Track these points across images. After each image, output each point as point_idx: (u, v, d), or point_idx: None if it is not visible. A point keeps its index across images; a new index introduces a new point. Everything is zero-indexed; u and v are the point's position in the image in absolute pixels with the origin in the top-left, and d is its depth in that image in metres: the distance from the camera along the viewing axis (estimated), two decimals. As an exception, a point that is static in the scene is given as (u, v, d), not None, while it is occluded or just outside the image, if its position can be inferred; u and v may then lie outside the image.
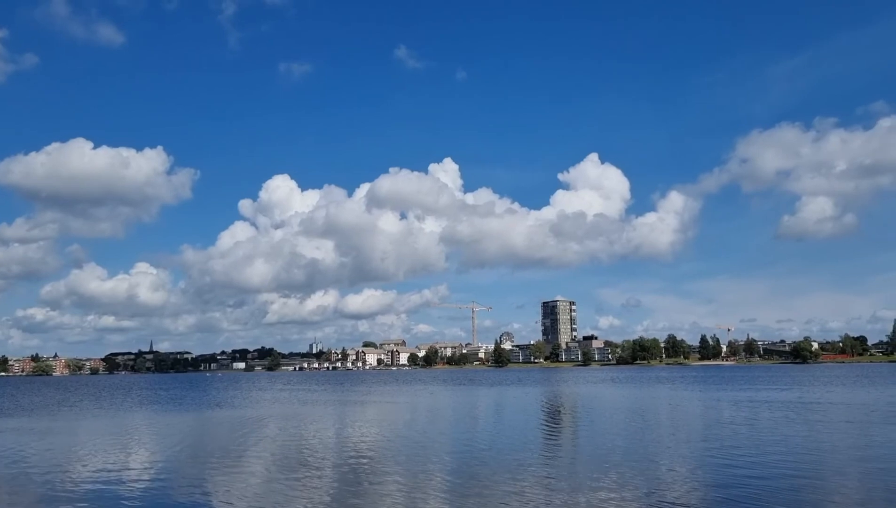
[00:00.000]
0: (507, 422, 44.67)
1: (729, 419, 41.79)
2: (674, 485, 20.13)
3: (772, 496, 18.34)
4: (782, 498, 18.06)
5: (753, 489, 19.26)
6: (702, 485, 20.12)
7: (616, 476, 21.48)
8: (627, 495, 18.76)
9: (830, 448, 28.04)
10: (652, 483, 20.48)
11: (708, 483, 20.51)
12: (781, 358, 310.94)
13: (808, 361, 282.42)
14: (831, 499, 18.33)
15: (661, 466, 23.64)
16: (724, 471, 22.44)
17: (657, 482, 20.65)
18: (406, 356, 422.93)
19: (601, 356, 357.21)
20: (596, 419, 44.97)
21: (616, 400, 63.52)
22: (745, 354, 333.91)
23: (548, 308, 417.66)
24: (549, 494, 19.07)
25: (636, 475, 21.79)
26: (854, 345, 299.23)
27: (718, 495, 18.63)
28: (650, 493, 18.95)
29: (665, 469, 23.11)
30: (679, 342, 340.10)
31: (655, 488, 19.67)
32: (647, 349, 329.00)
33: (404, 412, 55.05)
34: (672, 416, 45.94)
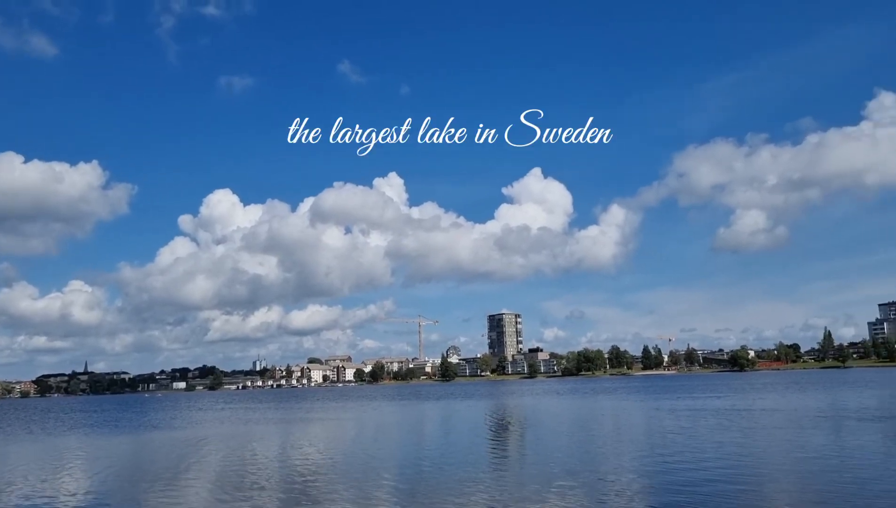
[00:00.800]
0: (454, 437, 44.64)
1: (668, 428, 42.71)
2: (617, 496, 20.46)
3: (709, 501, 18.85)
4: (719, 504, 18.58)
5: (692, 496, 19.76)
6: (643, 495, 20.50)
7: (561, 489, 21.70)
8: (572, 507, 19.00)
9: (761, 453, 28.94)
10: (596, 494, 20.77)
11: (649, 492, 20.91)
12: (720, 366, 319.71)
13: (745, 369, 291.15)
14: (765, 504, 18.93)
15: (605, 477, 23.99)
16: (664, 480, 22.92)
17: (601, 493, 20.95)
18: (352, 371, 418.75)
19: (547, 367, 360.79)
20: (542, 431, 45.35)
21: (561, 412, 64.22)
22: (686, 363, 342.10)
23: (494, 321, 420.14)
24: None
25: (581, 487, 22.06)
26: (788, 353, 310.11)
27: (659, 503, 19.03)
28: (594, 505, 19.23)
29: (609, 480, 23.46)
30: (622, 353, 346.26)
31: (599, 499, 19.96)
32: (591, 361, 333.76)
33: (350, 429, 54.45)
34: (615, 427, 46.70)
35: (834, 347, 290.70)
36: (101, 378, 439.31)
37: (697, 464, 25.97)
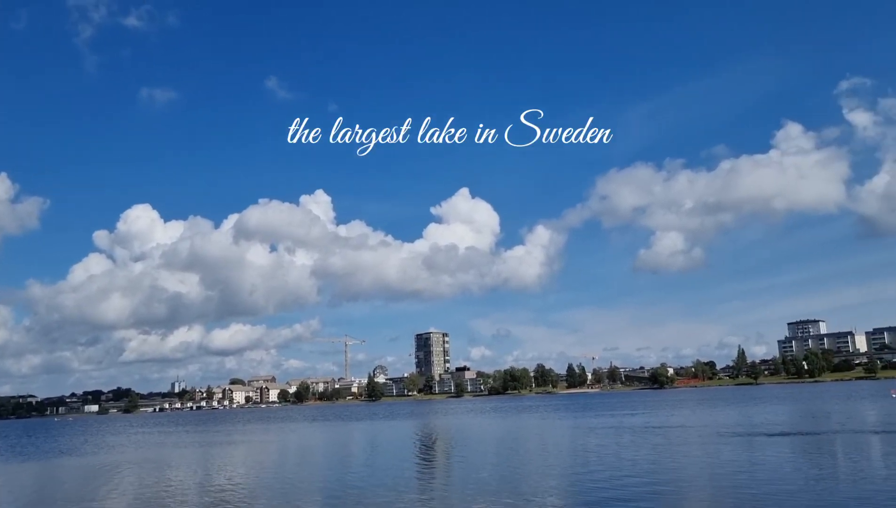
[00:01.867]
0: (378, 459, 44.32)
1: (586, 446, 43.68)
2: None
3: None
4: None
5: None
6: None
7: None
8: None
9: (673, 469, 30.01)
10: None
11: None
12: (641, 384, 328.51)
13: (664, 386, 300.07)
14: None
15: (528, 498, 24.34)
16: (583, 499, 23.45)
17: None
18: (276, 392, 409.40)
19: (474, 386, 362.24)
20: (467, 451, 45.57)
21: (486, 431, 64.67)
22: (609, 381, 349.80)
23: (421, 340, 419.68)
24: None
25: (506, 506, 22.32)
26: (704, 370, 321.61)
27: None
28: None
29: (531, 500, 23.81)
30: (547, 372, 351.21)
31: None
32: (517, 379, 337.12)
33: (272, 452, 53.30)
34: (537, 445, 47.40)
35: (747, 364, 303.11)
36: (5, 402, 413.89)
37: (613, 482, 26.67)
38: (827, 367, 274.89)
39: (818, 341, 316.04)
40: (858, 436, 42.34)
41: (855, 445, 37.54)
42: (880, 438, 40.78)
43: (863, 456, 32.74)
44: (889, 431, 44.45)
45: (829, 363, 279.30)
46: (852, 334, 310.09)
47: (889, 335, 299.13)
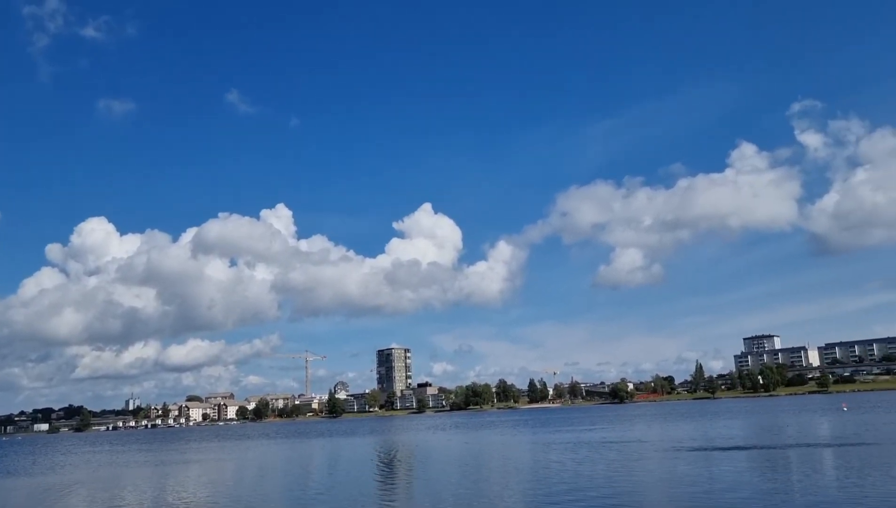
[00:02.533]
0: (340, 476, 43.77)
1: (547, 462, 43.81)
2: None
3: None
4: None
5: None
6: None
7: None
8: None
9: (628, 483, 30.25)
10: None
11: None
12: (602, 399, 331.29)
13: (624, 401, 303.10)
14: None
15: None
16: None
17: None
18: (234, 409, 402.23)
19: (435, 402, 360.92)
20: (428, 468, 45.28)
21: (447, 447, 64.39)
22: (570, 396, 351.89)
23: (383, 356, 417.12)
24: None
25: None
26: (663, 385, 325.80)
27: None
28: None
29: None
30: (509, 387, 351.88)
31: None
32: (479, 395, 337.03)
33: (229, 471, 52.22)
34: (497, 461, 47.35)
35: (704, 379, 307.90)
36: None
37: (570, 498, 26.73)
38: (781, 381, 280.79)
39: (773, 355, 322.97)
40: (811, 450, 43.24)
41: (808, 458, 38.30)
42: (832, 451, 41.69)
43: (815, 470, 33.41)
44: (840, 444, 45.48)
45: (784, 377, 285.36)
46: (805, 349, 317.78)
47: (840, 350, 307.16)
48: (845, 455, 39.02)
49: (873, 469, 31.23)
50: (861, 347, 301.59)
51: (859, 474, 30.18)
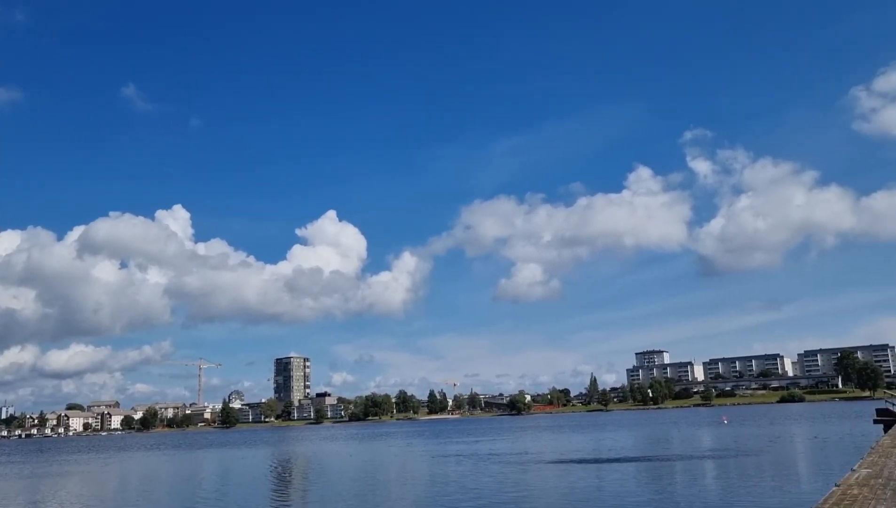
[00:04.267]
0: (227, 490, 41.91)
1: (439, 473, 43.65)
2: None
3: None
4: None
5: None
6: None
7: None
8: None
9: (518, 495, 30.46)
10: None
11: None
12: (500, 410, 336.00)
13: (522, 412, 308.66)
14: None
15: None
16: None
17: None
18: (119, 419, 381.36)
19: (334, 413, 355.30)
20: (318, 480, 44.14)
21: (340, 459, 63.19)
22: (469, 407, 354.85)
23: (281, 365, 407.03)
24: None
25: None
26: (559, 397, 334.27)
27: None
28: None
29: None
30: (409, 398, 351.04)
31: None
32: (379, 405, 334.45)
33: (110, 483, 49.10)
34: (390, 472, 46.74)
35: (598, 392, 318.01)
36: None
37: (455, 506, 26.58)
38: (669, 395, 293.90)
39: (662, 370, 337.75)
40: (694, 461, 45.16)
41: (690, 469, 39.95)
42: (713, 462, 43.67)
43: (696, 480, 34.84)
44: (720, 456, 47.73)
45: (671, 391, 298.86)
46: (692, 364, 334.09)
47: (723, 366, 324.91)
48: (724, 465, 40.92)
49: (748, 478, 32.82)
50: (741, 363, 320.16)
51: (735, 482, 31.64)
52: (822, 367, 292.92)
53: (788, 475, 35.25)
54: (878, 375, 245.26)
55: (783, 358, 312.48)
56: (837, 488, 11.83)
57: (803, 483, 30.95)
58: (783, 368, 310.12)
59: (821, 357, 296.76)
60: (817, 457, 44.33)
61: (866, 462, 15.65)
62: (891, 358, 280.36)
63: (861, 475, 13.37)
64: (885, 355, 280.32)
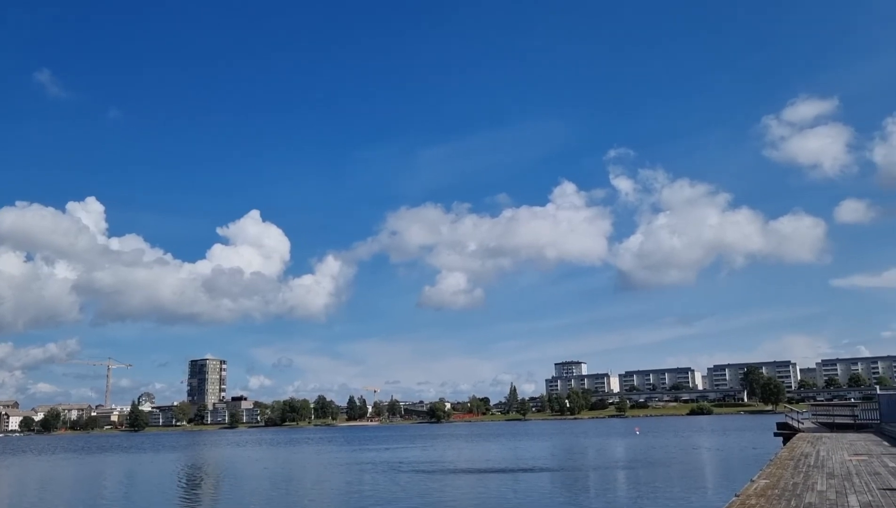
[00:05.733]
0: (134, 496, 39.90)
1: (348, 481, 42.89)
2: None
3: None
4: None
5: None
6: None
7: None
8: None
9: (422, 503, 30.17)
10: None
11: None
12: (420, 418, 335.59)
13: (441, 420, 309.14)
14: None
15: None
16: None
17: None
18: (18, 420, 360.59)
19: (250, 417, 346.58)
20: (230, 486, 42.62)
21: (251, 465, 61.41)
22: (389, 414, 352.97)
23: (196, 367, 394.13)
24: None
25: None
26: (479, 405, 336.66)
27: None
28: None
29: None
30: (328, 403, 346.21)
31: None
32: (297, 411, 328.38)
33: (4, 489, 46.01)
34: (295, 480, 45.63)
35: (517, 401, 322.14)
36: None
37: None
38: (585, 405, 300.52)
39: (580, 381, 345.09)
40: (607, 471, 45.99)
41: (603, 479, 40.63)
42: (625, 473, 44.57)
43: (608, 489, 35.39)
44: (631, 467, 48.79)
45: (588, 401, 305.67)
46: (608, 375, 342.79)
47: (637, 378, 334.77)
48: (635, 475, 41.81)
49: (656, 488, 33.58)
50: (655, 376, 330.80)
51: (645, 492, 32.28)
52: (729, 381, 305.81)
53: (694, 485, 36.24)
54: (780, 390, 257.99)
55: (694, 372, 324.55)
56: (737, 498, 11.99)
57: (708, 493, 31.83)
58: (694, 381, 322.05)
59: (728, 372, 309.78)
60: (722, 468, 45.88)
61: (765, 473, 16.04)
62: (792, 374, 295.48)
63: (759, 485, 13.64)
64: (788, 371, 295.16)
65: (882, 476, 14.71)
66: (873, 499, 11.26)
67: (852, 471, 15.62)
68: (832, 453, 21.03)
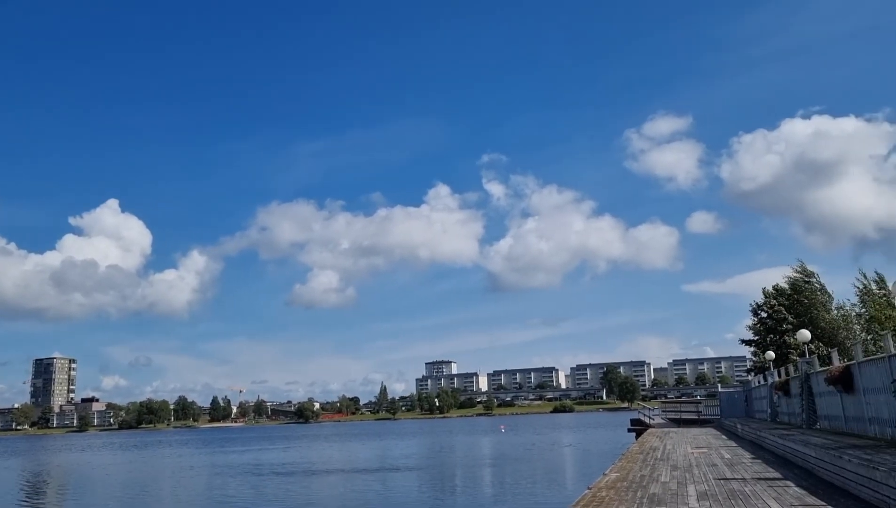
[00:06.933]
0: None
1: (209, 485, 41.18)
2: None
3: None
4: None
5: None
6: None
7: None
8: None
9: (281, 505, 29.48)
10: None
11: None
12: (287, 418, 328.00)
13: (309, 420, 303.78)
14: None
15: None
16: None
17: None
18: None
19: (102, 420, 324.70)
20: (71, 495, 39.61)
21: (97, 471, 57.57)
22: (255, 415, 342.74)
23: (41, 366, 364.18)
24: None
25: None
26: (349, 405, 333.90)
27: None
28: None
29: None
30: (190, 404, 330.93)
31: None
32: (155, 412, 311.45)
33: None
34: (147, 483, 43.29)
35: (388, 400, 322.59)
36: None
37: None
38: (454, 404, 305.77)
39: (450, 380, 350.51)
40: (473, 468, 46.81)
41: (468, 475, 41.31)
42: (490, 470, 45.57)
43: (473, 485, 36.00)
44: (495, 464, 49.99)
45: (457, 400, 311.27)
46: (477, 374, 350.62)
47: (505, 377, 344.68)
48: (499, 471, 42.84)
49: (518, 484, 34.54)
50: (521, 375, 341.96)
51: (508, 488, 33.10)
52: (590, 380, 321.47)
53: (554, 479, 37.59)
54: (635, 388, 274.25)
55: (558, 371, 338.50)
56: (589, 490, 12.40)
57: (567, 487, 33.05)
58: (557, 380, 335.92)
59: (589, 371, 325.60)
60: (579, 463, 47.96)
61: (616, 467, 16.77)
62: (646, 373, 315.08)
63: (611, 478, 14.21)
64: (643, 370, 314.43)
65: (718, 467, 15.76)
66: (709, 489, 11.99)
67: (693, 463, 16.63)
68: (677, 446, 22.38)
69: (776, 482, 12.56)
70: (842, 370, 18.64)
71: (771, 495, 10.92)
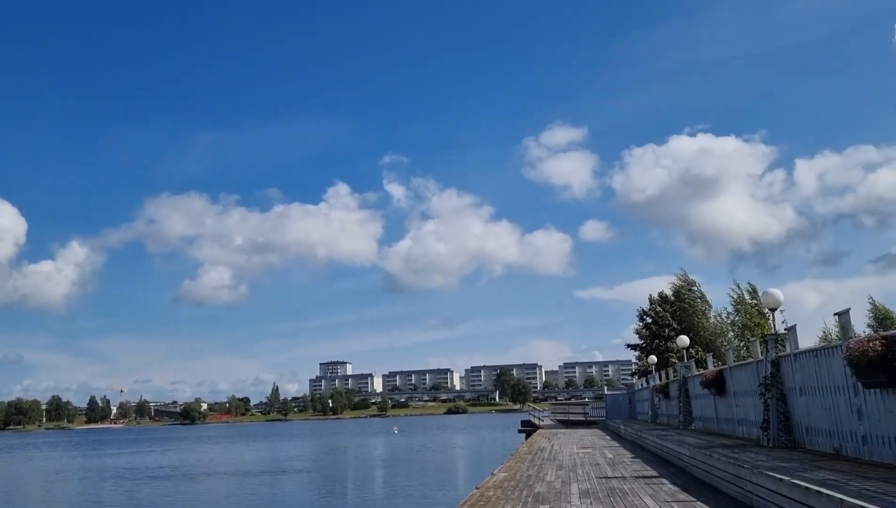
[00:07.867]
0: None
1: (74, 491, 38.92)
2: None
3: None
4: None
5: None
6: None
7: None
8: None
9: None
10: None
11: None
12: (172, 419, 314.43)
13: (196, 421, 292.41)
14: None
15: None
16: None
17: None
18: None
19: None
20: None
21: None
22: (137, 416, 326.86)
23: None
24: None
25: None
26: (238, 406, 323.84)
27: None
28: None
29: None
30: (64, 404, 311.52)
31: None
32: (24, 413, 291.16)
33: None
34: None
35: (279, 401, 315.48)
36: None
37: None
38: (349, 405, 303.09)
39: (344, 381, 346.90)
40: (365, 469, 46.49)
41: (359, 476, 40.96)
42: (381, 471, 45.40)
43: (363, 486, 35.71)
44: (387, 465, 49.87)
45: (351, 401, 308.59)
46: (372, 375, 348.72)
47: (400, 378, 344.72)
48: (390, 472, 42.74)
49: (409, 486, 34.55)
50: (417, 376, 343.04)
51: (399, 489, 33.04)
52: (484, 382, 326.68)
53: (444, 479, 37.85)
54: (527, 390, 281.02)
55: (453, 373, 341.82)
56: (477, 490, 12.49)
57: (458, 487, 33.31)
58: (452, 382, 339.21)
59: (483, 373, 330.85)
60: (470, 463, 48.55)
61: (504, 467, 17.02)
62: (538, 375, 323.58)
63: (498, 478, 14.38)
64: (535, 372, 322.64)
65: (601, 466, 16.28)
66: (591, 487, 12.35)
67: (578, 463, 17.12)
68: (564, 447, 23.00)
69: (653, 479, 13.10)
70: (715, 374, 19.76)
71: (647, 492, 11.37)
